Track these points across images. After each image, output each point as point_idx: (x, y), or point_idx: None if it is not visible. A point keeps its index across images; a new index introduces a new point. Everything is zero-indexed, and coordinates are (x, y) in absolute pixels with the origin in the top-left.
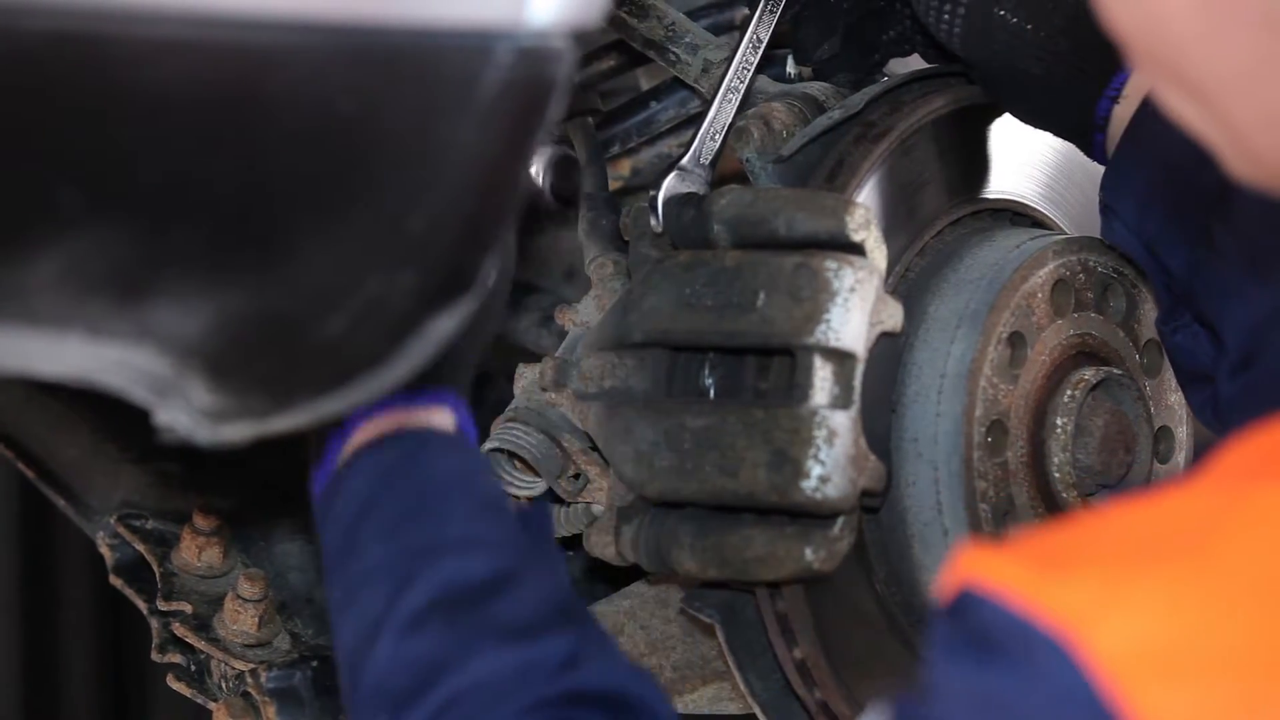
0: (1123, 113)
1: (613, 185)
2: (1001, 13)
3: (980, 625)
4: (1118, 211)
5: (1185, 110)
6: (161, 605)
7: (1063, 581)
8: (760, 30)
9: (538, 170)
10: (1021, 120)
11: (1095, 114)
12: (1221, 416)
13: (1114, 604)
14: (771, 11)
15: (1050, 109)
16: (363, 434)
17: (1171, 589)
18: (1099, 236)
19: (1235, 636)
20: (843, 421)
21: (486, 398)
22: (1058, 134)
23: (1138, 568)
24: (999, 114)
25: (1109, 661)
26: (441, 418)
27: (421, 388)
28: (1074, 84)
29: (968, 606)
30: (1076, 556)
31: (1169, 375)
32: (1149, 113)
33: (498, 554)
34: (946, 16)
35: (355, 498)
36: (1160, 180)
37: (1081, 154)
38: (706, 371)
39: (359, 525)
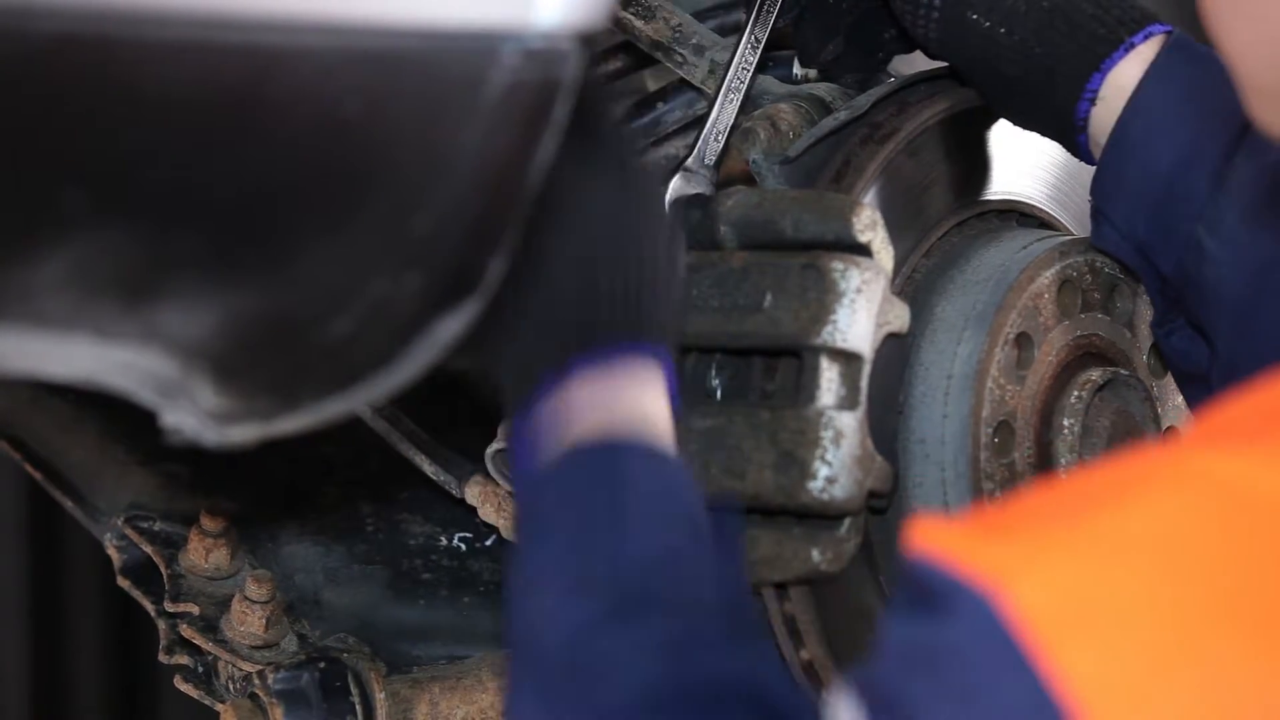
0: (1101, 114)
1: None
2: (974, 16)
3: (917, 585)
4: (1108, 215)
5: None
6: (169, 607)
7: (994, 541)
8: (758, 31)
9: None
10: (1008, 121)
11: (1075, 116)
12: None
13: (1037, 558)
14: (768, 11)
15: (1031, 111)
16: (569, 421)
17: (1086, 542)
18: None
19: (1139, 589)
20: (849, 422)
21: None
22: (1043, 134)
23: (1064, 523)
24: None
25: (1027, 612)
26: (650, 375)
27: (635, 338)
28: (1051, 86)
29: (910, 572)
30: (1015, 520)
31: None
32: (1134, 116)
33: (687, 569)
34: (922, 20)
35: (553, 508)
36: (1148, 185)
37: None
38: (713, 373)
39: (552, 531)
